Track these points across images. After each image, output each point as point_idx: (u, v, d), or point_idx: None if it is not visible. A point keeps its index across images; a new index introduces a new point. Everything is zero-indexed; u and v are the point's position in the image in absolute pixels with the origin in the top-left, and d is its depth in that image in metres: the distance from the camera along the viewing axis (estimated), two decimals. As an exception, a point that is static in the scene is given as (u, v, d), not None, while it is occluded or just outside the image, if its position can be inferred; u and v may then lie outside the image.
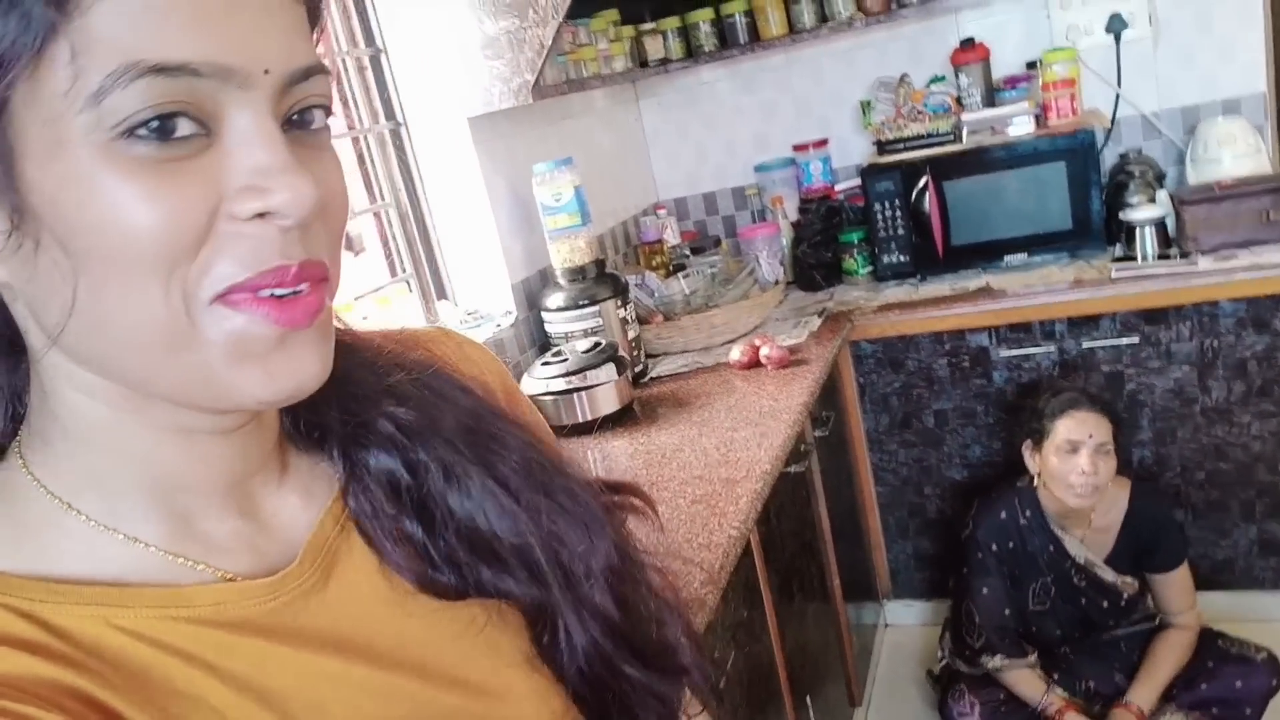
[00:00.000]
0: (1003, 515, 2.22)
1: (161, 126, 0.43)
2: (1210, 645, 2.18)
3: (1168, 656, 2.17)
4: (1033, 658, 2.20)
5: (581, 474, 0.67)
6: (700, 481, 1.70)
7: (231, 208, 0.45)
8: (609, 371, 2.02)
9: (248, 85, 0.45)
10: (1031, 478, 2.20)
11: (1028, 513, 2.20)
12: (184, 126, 0.44)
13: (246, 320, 0.47)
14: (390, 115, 2.22)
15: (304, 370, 0.49)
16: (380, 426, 0.61)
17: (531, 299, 2.35)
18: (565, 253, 2.24)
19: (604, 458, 1.93)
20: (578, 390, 2.00)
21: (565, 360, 2.03)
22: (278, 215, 0.46)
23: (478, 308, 2.30)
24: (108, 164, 0.43)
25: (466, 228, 2.28)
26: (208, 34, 0.43)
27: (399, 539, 0.60)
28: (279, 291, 0.47)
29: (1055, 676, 2.21)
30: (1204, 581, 2.33)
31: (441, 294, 2.31)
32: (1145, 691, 2.13)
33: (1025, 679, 2.18)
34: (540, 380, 2.01)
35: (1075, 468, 2.06)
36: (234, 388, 0.48)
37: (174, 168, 0.44)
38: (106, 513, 0.52)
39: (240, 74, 0.44)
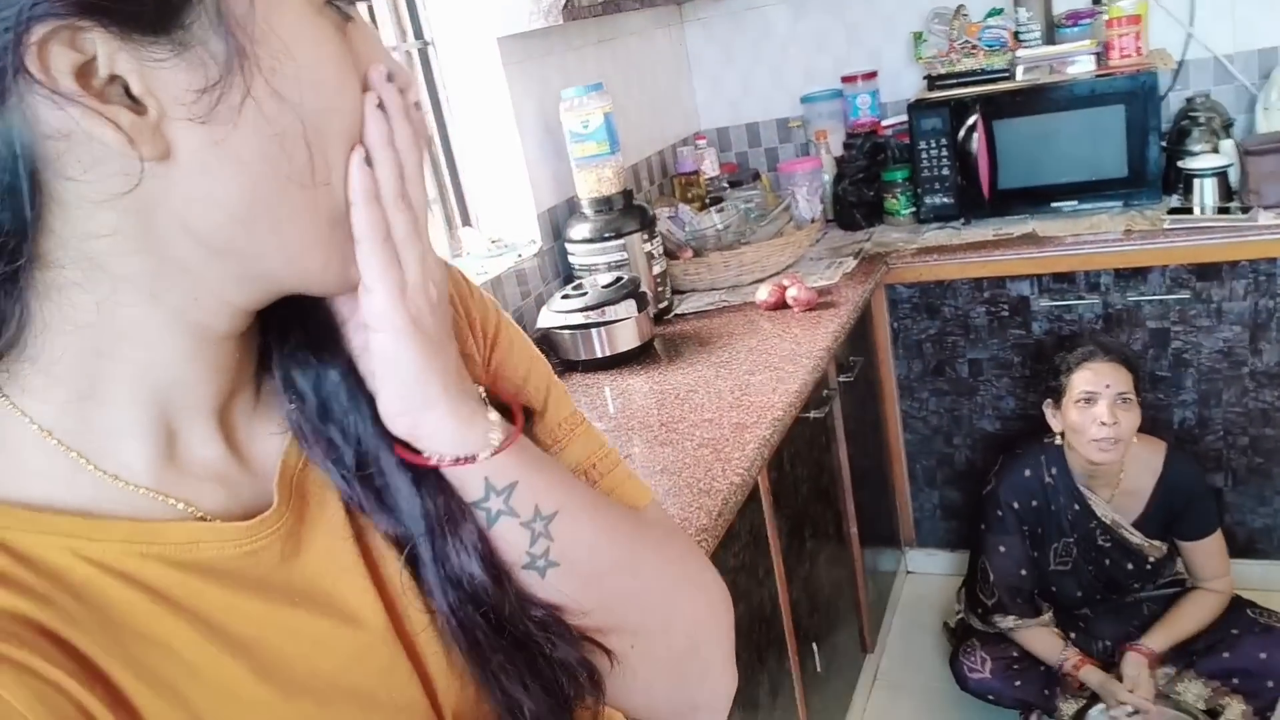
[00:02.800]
0: (1026, 473, 2.16)
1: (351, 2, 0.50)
2: (1238, 614, 2.11)
3: (1191, 613, 2.12)
4: (1047, 616, 2.15)
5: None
6: (710, 425, 1.67)
7: (369, 76, 0.51)
8: (629, 307, 1.97)
9: None
10: (1054, 437, 2.13)
11: (1053, 471, 2.13)
12: (350, 6, 0.50)
13: None
14: (419, 34, 2.16)
15: None
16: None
17: (557, 229, 2.31)
18: (592, 182, 2.18)
19: (618, 395, 1.90)
20: (595, 325, 1.96)
21: (585, 294, 1.99)
22: (404, 88, 0.53)
23: (502, 236, 2.26)
24: (323, 22, 0.48)
25: (493, 153, 2.23)
26: None
27: (327, 452, 0.58)
28: None
29: (1072, 636, 2.17)
30: (1239, 549, 2.26)
31: (466, 220, 2.28)
32: (1160, 637, 2.09)
33: (1040, 637, 2.14)
34: (558, 314, 1.98)
35: (1094, 419, 2.00)
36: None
37: (346, 41, 0.49)
38: (87, 440, 0.50)
39: None
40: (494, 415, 0.58)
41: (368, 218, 0.51)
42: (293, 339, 0.57)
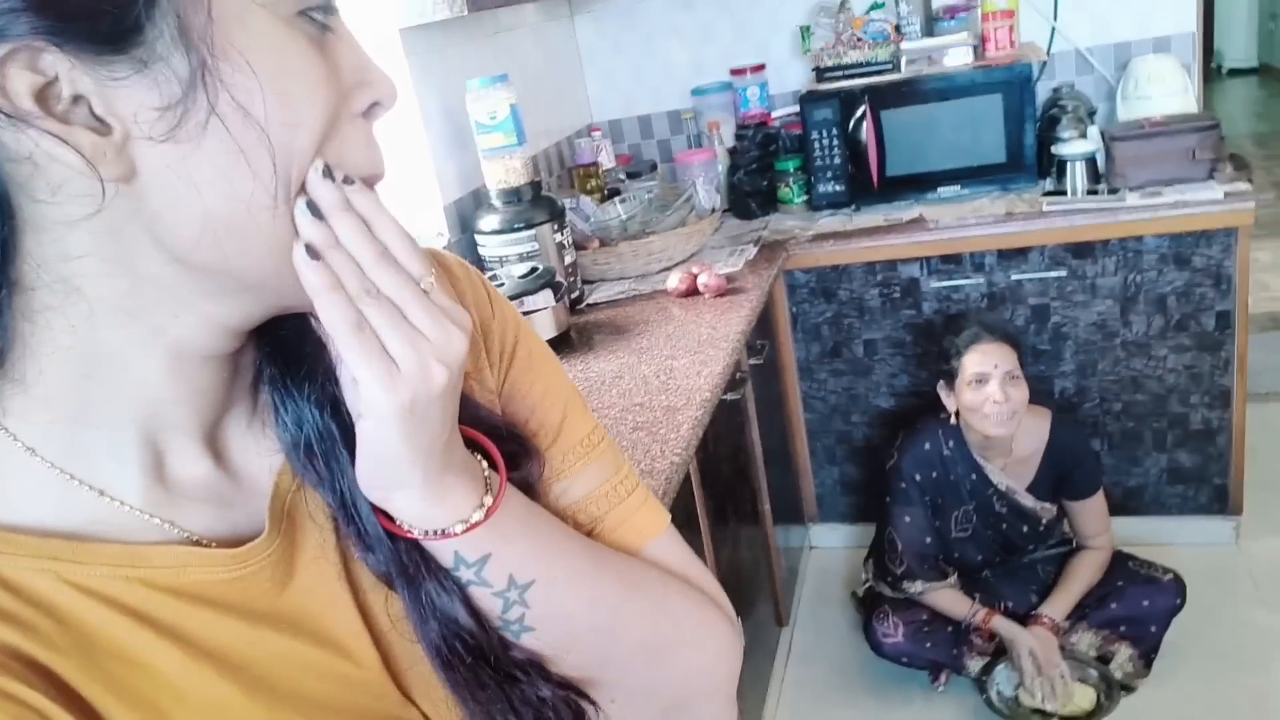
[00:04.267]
0: (926, 446, 2.27)
1: (326, 9, 0.48)
2: (1121, 567, 2.28)
3: (1081, 575, 2.27)
4: (953, 579, 2.27)
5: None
6: (641, 409, 1.70)
7: (351, 103, 0.49)
8: (546, 297, 1.98)
9: None
10: (949, 415, 2.25)
11: (950, 444, 2.25)
12: (330, 17, 0.48)
13: None
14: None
15: None
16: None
17: (464, 221, 2.29)
18: (500, 173, 2.17)
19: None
20: (514, 315, 1.96)
21: (501, 285, 1.99)
22: (383, 106, 0.51)
23: (408, 228, 2.23)
24: (293, 34, 0.46)
25: (397, 145, 2.20)
26: None
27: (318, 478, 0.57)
28: None
29: (976, 598, 2.29)
30: (1116, 507, 2.43)
31: (371, 214, 2.23)
32: (1058, 605, 2.23)
33: (949, 597, 2.26)
34: (476, 304, 1.97)
35: (987, 397, 2.12)
36: None
37: (322, 53, 0.47)
38: (74, 460, 0.49)
39: None
40: (470, 493, 0.55)
41: (328, 311, 0.48)
42: (278, 367, 0.56)
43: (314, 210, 0.47)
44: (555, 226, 2.19)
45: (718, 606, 0.70)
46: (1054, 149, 2.48)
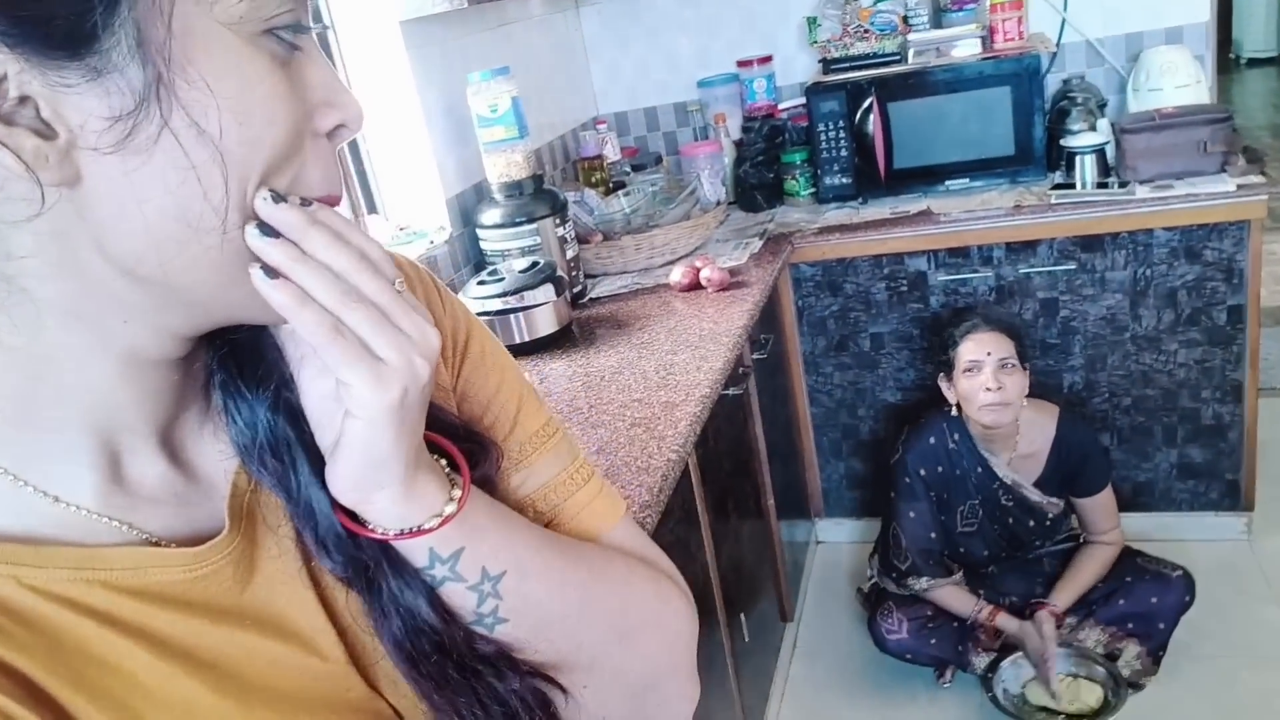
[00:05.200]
0: (931, 440, 2.25)
1: (295, 28, 0.47)
2: (1129, 563, 2.25)
3: (1088, 567, 2.25)
4: (958, 575, 2.25)
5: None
6: (640, 404, 1.68)
7: (315, 122, 0.49)
8: (547, 292, 1.97)
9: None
10: (951, 407, 2.23)
11: (956, 437, 2.23)
12: (299, 36, 0.47)
13: None
14: (318, 18, 2.10)
15: None
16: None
17: (466, 215, 2.28)
18: (501, 167, 2.16)
19: (541, 380, 1.89)
20: (515, 311, 1.95)
21: (502, 280, 1.98)
22: (347, 129, 0.50)
23: (409, 223, 2.23)
24: (256, 54, 0.45)
25: (398, 139, 2.19)
26: None
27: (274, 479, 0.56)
28: None
29: (980, 593, 2.27)
30: (1125, 503, 2.41)
31: (372, 208, 2.23)
32: (1064, 594, 2.22)
33: (953, 594, 2.24)
34: (476, 300, 1.96)
35: (981, 385, 2.11)
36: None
37: (287, 72, 0.47)
38: (25, 464, 0.49)
39: None
40: (439, 489, 0.55)
41: (304, 325, 0.48)
42: (230, 370, 0.55)
43: (266, 230, 0.47)
44: (557, 220, 2.18)
45: (676, 584, 0.71)
46: (1063, 141, 2.45)
